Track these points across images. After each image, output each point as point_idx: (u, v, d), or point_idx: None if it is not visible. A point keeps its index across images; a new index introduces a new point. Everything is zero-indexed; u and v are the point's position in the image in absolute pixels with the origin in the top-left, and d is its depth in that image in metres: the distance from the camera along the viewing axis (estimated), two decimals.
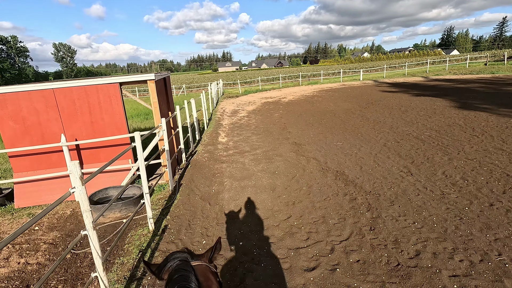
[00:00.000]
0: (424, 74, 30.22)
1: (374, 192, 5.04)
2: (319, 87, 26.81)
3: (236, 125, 12.20)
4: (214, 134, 10.56)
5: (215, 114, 15.19)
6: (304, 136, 9.29)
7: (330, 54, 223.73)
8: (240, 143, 9.12)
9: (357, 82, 28.14)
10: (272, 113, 14.35)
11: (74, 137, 5.45)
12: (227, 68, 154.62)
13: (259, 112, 15.03)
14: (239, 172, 6.60)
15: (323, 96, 19.66)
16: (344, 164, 6.56)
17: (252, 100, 20.74)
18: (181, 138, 7.12)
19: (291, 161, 7.06)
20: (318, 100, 17.86)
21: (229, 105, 19.16)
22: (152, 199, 5.29)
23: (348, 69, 42.76)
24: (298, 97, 20.34)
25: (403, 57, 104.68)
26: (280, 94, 23.49)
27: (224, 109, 17.09)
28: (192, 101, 9.56)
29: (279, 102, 18.63)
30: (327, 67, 62.34)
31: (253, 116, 14.12)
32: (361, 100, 16.18)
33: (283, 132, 10.13)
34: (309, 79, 36.74)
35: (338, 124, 10.69)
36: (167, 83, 6.98)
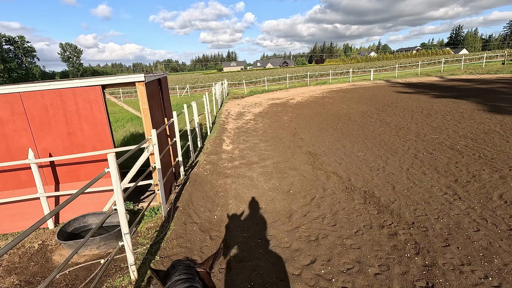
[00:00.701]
0: (438, 73, 28.86)
1: (419, 224, 3.98)
2: (328, 87, 25.68)
3: (242, 129, 11.18)
4: (218, 141, 9.55)
5: (219, 117, 14.21)
6: (319, 144, 8.23)
7: (336, 54, 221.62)
8: (247, 152, 8.10)
9: (367, 82, 26.93)
10: (281, 116, 13.31)
11: (48, 152, 4.48)
12: (232, 67, 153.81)
13: (267, 115, 13.99)
14: (246, 190, 5.58)
15: (333, 97, 18.54)
16: (371, 181, 5.50)
17: (258, 101, 19.71)
18: (179, 150, 6.13)
19: (308, 176, 6.02)
20: (328, 101, 16.75)
21: (234, 106, 18.16)
22: (140, 228, 4.31)
23: (357, 68, 41.46)
24: (307, 98, 19.25)
25: (411, 57, 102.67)
26: (288, 95, 22.42)
27: (229, 111, 16.09)
28: (193, 104, 8.58)
29: (287, 103, 17.56)
30: (334, 66, 61.00)
31: (260, 119, 13.10)
32: (376, 102, 15.04)
33: (295, 139, 9.08)
34: (316, 79, 35.57)
35: (355, 129, 9.61)
36: (162, 85, 5.99)
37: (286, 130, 10.46)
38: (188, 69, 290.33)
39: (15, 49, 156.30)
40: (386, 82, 25.57)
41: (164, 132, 5.86)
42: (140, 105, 4.56)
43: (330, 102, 16.34)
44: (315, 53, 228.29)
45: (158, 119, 5.36)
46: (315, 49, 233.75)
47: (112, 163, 2.79)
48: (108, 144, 4.61)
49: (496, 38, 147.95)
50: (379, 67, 40.30)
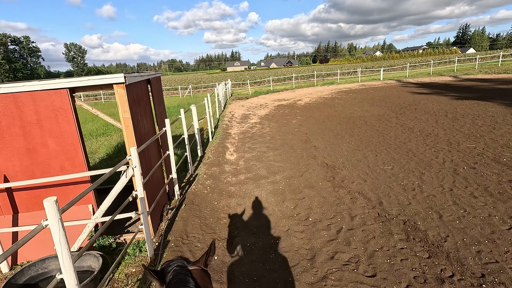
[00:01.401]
0: (451, 73, 27.58)
1: (492, 277, 2.92)
2: (336, 87, 24.56)
3: (247, 135, 10.15)
4: (221, 148, 8.54)
5: (223, 120, 13.20)
6: (336, 154, 7.18)
7: (340, 53, 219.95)
8: (254, 163, 7.07)
9: (377, 82, 25.75)
10: (289, 119, 12.26)
11: (1, 173, 3.50)
12: (236, 67, 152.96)
13: (273, 118, 12.95)
14: (255, 216, 4.56)
15: (343, 98, 17.44)
16: (409, 206, 4.44)
17: (263, 103, 18.68)
18: (173, 165, 5.11)
19: (328, 197, 4.98)
20: (339, 103, 15.66)
21: (238, 108, 17.14)
22: (119, 275, 3.30)
23: (364, 68, 40.22)
24: (315, 99, 18.16)
25: (418, 56, 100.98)
26: (294, 95, 21.35)
27: (232, 114, 15.08)
28: (192, 108, 7.59)
29: (294, 105, 16.50)
30: (340, 66, 59.74)
31: (266, 122, 12.06)
32: (391, 103, 13.92)
33: (307, 147, 8.04)
34: (323, 79, 34.43)
35: (375, 136, 8.54)
36: (153, 87, 4.98)
37: (296, 136, 9.42)
38: (192, 69, 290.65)
39: (21, 49, 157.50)
40: (397, 82, 24.39)
41: (155, 144, 4.86)
42: (120, 114, 3.56)
43: (341, 104, 15.25)
44: (319, 52, 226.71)
45: (146, 129, 4.35)
46: (319, 49, 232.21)
47: (51, 213, 1.77)
48: (79, 162, 3.62)
49: (504, 37, 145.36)
50: (387, 66, 39.04)
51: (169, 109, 18.28)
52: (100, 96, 35.99)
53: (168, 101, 24.77)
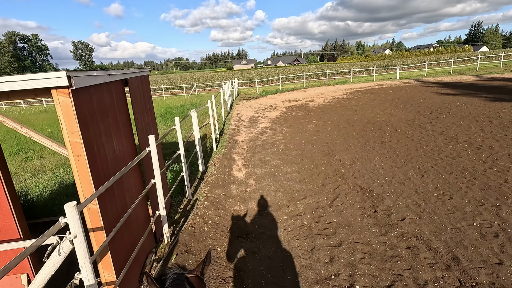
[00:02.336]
0: (473, 72, 25.75)
1: None
2: (349, 87, 23.00)
3: (257, 142, 8.77)
4: (226, 161, 7.18)
5: (229, 124, 11.84)
6: (369, 172, 5.77)
7: (348, 51, 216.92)
8: (268, 183, 5.69)
9: (394, 82, 24.10)
10: (303, 124, 10.84)
11: None
12: (242, 66, 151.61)
13: (286, 122, 11.54)
14: (275, 277, 3.19)
15: (360, 99, 15.92)
16: (501, 269, 3.02)
17: (273, 103, 17.26)
18: (160, 198, 3.74)
19: (375, 245, 3.57)
20: (357, 104, 14.17)
21: (245, 109, 15.77)
22: None
23: (375, 66, 38.44)
24: (330, 100, 16.68)
25: (429, 54, 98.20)
26: (306, 95, 19.88)
27: (240, 116, 13.71)
28: (192, 114, 6.25)
29: (307, 106, 15.05)
30: (350, 64, 57.82)
31: (278, 127, 10.66)
32: (418, 106, 12.39)
33: (331, 161, 6.63)
34: (334, 77, 32.83)
35: (412, 147, 7.08)
36: (133, 92, 3.62)
37: (315, 145, 8.00)
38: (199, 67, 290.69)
39: (29, 47, 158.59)
40: (416, 82, 22.72)
41: (135, 171, 3.52)
42: (65, 136, 2.20)
43: (359, 106, 13.75)
44: (327, 51, 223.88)
45: (118, 154, 3.00)
46: (327, 47, 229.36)
47: None
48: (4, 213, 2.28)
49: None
50: (401, 64, 37.20)
51: (171, 110, 17.00)
52: None
53: (172, 101, 23.53)
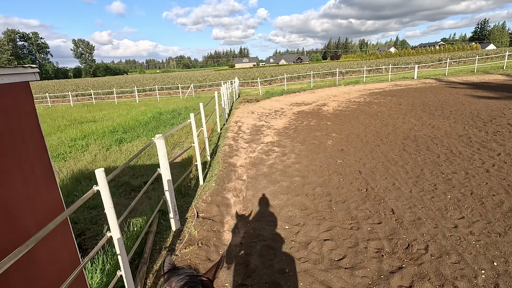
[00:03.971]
0: (500, 70, 23.19)
1: None
2: (363, 88, 20.53)
3: (261, 169, 6.38)
4: (216, 208, 4.77)
5: (225, 137, 9.45)
6: (452, 241, 3.38)
7: (351, 50, 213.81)
8: (281, 266, 3.31)
9: (413, 82, 21.60)
10: (320, 138, 8.44)
11: None
12: (244, 64, 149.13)
13: (297, 134, 9.14)
14: None
15: (383, 103, 13.48)
16: None
17: (278, 108, 14.85)
18: None
19: None
20: (381, 110, 11.74)
21: (247, 115, 13.37)
22: None
23: (388, 64, 35.84)
24: (345, 103, 14.24)
25: (435, 52, 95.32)
26: (316, 98, 17.44)
27: (240, 125, 11.32)
28: (158, 142, 3.85)
29: (320, 112, 12.63)
30: (356, 63, 55.24)
31: (288, 143, 8.26)
32: (460, 114, 9.94)
33: (378, 212, 4.23)
34: (343, 76, 30.33)
35: (495, 185, 4.67)
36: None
37: (345, 178, 5.61)
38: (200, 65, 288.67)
39: (29, 45, 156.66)
40: (438, 82, 20.21)
41: None
42: None
43: (385, 112, 11.32)
44: (330, 49, 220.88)
45: None
46: (330, 45, 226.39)
47: None
48: None
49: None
50: (415, 63, 34.61)
51: (160, 116, 14.62)
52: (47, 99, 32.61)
53: (165, 103, 21.16)
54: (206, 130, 8.92)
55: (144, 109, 18.12)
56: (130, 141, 9.85)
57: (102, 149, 9.01)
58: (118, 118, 15.35)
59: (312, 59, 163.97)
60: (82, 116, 16.82)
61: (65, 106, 24.90)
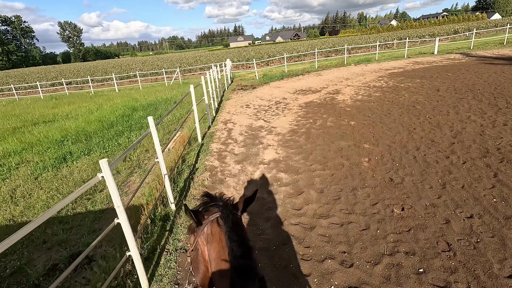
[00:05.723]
0: None
1: None
2: (378, 67, 17.43)
3: (262, 226, 3.64)
4: None
5: (207, 151, 6.61)
6: None
7: (349, 24, 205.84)
8: None
9: (435, 58, 18.46)
10: (347, 151, 5.63)
11: None
12: (239, 43, 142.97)
13: (311, 143, 6.32)
14: None
15: (411, 88, 10.53)
16: None
17: (280, 98, 11.88)
18: None
19: None
20: (416, 100, 8.84)
21: (240, 111, 10.47)
22: None
23: (396, 38, 32.36)
24: (364, 90, 11.28)
25: (438, 24, 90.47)
26: (324, 82, 14.41)
27: (230, 128, 8.45)
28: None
29: (335, 103, 9.71)
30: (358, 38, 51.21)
31: (301, 162, 5.47)
32: None
33: None
34: (349, 54, 26.97)
35: None
36: None
37: (422, 256, 2.88)
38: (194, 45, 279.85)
39: (13, 30, 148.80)
40: (466, 57, 17.10)
41: None
42: None
43: (422, 103, 8.45)
44: (327, 24, 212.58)
45: None
46: (327, 20, 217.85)
47: None
48: None
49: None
50: (428, 35, 31.09)
51: (132, 114, 11.63)
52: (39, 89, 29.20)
53: (145, 93, 18.05)
54: (180, 141, 6.13)
55: (119, 102, 15.11)
56: (77, 158, 7.03)
57: (31, 176, 6.21)
58: (82, 116, 12.42)
59: (310, 35, 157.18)
60: (42, 114, 13.86)
61: (33, 98, 21.73)
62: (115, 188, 2.41)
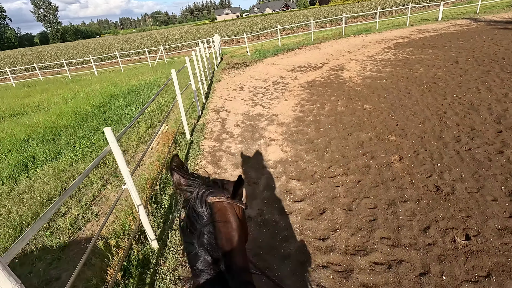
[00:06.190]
0: None
1: None
2: (380, 37, 16.01)
3: (287, 284, 2.65)
4: None
5: (198, 151, 5.47)
6: None
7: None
8: None
9: (440, 24, 17.06)
10: (369, 146, 4.57)
11: None
12: (226, 16, 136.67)
13: (322, 135, 5.23)
14: None
15: (425, 60, 9.34)
16: None
17: (277, 76, 10.57)
18: None
19: None
20: (435, 74, 7.70)
21: (234, 94, 9.20)
22: None
23: (397, 4, 30.47)
24: (371, 64, 10.04)
25: None
26: (324, 56, 13.05)
27: (224, 118, 7.25)
28: None
29: (341, 82, 8.50)
30: (351, 6, 48.52)
31: (315, 163, 4.40)
32: None
33: None
34: (345, 24, 25.18)
35: None
36: None
37: None
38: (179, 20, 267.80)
39: None
40: (474, 22, 15.76)
41: None
42: None
43: (443, 78, 7.32)
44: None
45: None
46: None
47: None
48: None
49: None
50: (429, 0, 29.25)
51: (113, 101, 10.23)
52: None
53: (125, 77, 16.42)
54: (164, 139, 5.04)
55: (97, 88, 13.57)
56: (41, 164, 5.83)
57: None
58: (55, 106, 10.99)
59: (300, 5, 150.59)
60: (10, 105, 12.31)
61: (4, 87, 19.82)
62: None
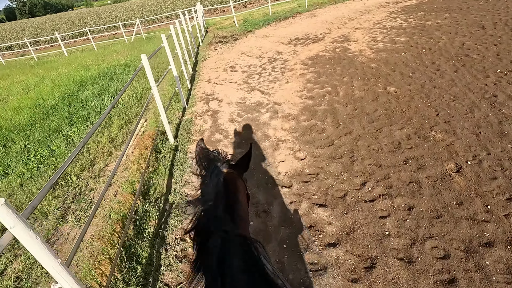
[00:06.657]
0: None
1: None
2: (383, 0, 14.39)
3: None
4: None
5: (186, 156, 4.26)
6: None
7: None
8: None
9: None
10: (406, 144, 3.45)
11: None
12: None
13: (344, 133, 4.05)
14: None
15: (444, 26, 8.03)
16: None
17: (273, 51, 9.12)
18: None
19: None
20: (464, 44, 6.48)
21: (224, 76, 7.79)
22: None
23: None
24: (381, 34, 8.66)
25: None
26: (324, 25, 11.50)
27: (215, 108, 5.94)
28: None
29: (351, 57, 7.17)
30: None
31: (344, 178, 3.27)
32: None
33: None
34: None
35: None
36: None
37: None
38: None
39: None
40: None
41: None
42: None
43: (476, 49, 6.12)
44: None
45: None
46: None
47: None
48: None
49: None
50: None
51: (82, 90, 8.67)
52: None
53: (100, 55, 14.53)
54: (140, 146, 3.87)
55: (64, 72, 11.82)
56: None
57: None
58: (16, 96, 9.40)
59: None
60: None
61: None
62: None
